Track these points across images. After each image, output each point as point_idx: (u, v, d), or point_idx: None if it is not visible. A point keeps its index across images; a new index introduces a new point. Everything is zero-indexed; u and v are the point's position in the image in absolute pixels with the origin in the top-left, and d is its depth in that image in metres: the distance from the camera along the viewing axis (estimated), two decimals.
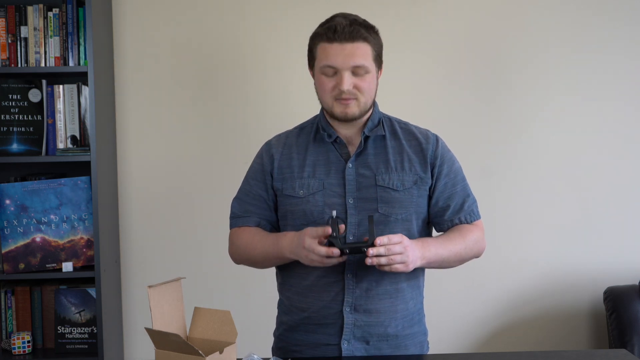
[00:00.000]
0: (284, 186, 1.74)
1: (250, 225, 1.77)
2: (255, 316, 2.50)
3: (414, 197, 1.70)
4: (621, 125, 2.79)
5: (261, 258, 1.73)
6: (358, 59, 1.62)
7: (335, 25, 1.62)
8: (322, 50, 1.64)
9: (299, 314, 1.74)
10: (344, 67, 1.62)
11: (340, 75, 1.63)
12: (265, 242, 1.71)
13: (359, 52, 1.62)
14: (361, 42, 1.62)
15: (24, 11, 2.47)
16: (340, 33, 1.61)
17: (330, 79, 1.65)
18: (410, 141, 1.75)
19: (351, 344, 1.69)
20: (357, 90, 1.65)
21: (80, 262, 2.51)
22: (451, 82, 2.76)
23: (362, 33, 1.62)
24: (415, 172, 1.71)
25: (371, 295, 1.68)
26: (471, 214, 1.77)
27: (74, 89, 2.52)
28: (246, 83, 2.74)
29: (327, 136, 1.73)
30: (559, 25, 2.76)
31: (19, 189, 2.46)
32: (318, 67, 1.67)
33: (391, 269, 1.55)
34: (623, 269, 2.78)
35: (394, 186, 1.69)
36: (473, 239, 1.74)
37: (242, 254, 1.78)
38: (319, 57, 1.66)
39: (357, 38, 1.61)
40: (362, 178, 1.70)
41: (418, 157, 1.73)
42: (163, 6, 2.72)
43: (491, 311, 2.82)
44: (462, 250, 1.72)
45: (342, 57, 1.61)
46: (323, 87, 1.67)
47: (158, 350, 1.39)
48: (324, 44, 1.63)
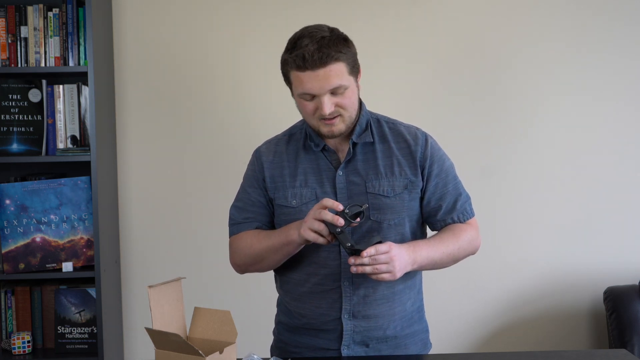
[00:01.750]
0: (277, 196, 1.73)
1: (251, 229, 1.75)
2: (255, 316, 2.50)
3: (405, 202, 1.69)
4: (621, 125, 2.79)
5: (267, 251, 1.68)
6: (334, 80, 1.56)
7: (304, 53, 1.55)
8: (295, 78, 1.59)
9: (299, 319, 1.74)
10: (321, 93, 1.57)
11: (319, 100, 1.59)
12: (271, 234, 1.68)
13: (333, 74, 1.56)
14: (333, 64, 1.56)
15: (24, 11, 2.47)
16: (310, 61, 1.54)
17: (310, 102, 1.61)
18: (399, 143, 1.72)
19: (351, 348, 1.70)
20: (340, 107, 1.61)
21: (80, 262, 2.51)
22: (451, 82, 2.76)
23: (331, 55, 1.55)
24: (406, 176, 1.69)
25: (369, 301, 1.68)
26: (464, 212, 1.76)
27: (74, 89, 2.52)
28: (247, 83, 2.74)
29: (315, 145, 1.71)
30: (558, 25, 2.76)
31: (19, 189, 2.46)
32: (296, 93, 1.63)
33: (377, 278, 1.54)
34: (623, 269, 2.78)
35: (384, 192, 1.68)
36: (467, 239, 1.73)
37: (246, 254, 1.73)
38: (295, 85, 1.61)
39: (329, 61, 1.55)
40: (353, 185, 1.68)
41: (407, 160, 1.71)
42: (163, 6, 2.72)
43: (491, 311, 2.82)
44: (456, 251, 1.70)
45: (317, 82, 1.56)
46: (305, 111, 1.64)
47: (158, 350, 1.39)
48: (295, 72, 1.58)
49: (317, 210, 1.54)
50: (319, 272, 1.68)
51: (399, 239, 1.67)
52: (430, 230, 1.80)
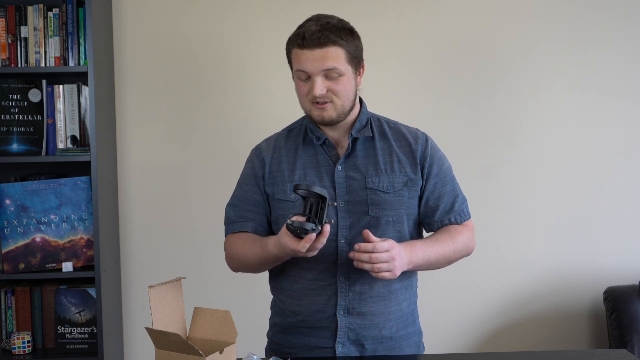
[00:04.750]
0: (275, 190, 1.73)
1: (246, 230, 1.75)
2: (255, 316, 2.49)
3: (404, 199, 1.69)
4: (621, 125, 2.79)
5: (257, 264, 1.70)
6: (328, 62, 1.60)
7: (304, 32, 1.60)
8: (294, 55, 1.64)
9: (293, 317, 1.74)
10: (314, 72, 1.61)
11: (312, 80, 1.62)
12: (255, 248, 1.69)
13: (329, 56, 1.59)
14: (331, 47, 1.60)
15: (24, 11, 2.47)
16: (308, 40, 1.59)
17: (305, 83, 1.65)
18: (399, 141, 1.74)
19: (345, 346, 1.69)
20: (332, 93, 1.63)
21: (80, 262, 2.51)
22: (451, 82, 2.76)
23: (331, 38, 1.59)
24: (405, 174, 1.70)
25: (364, 298, 1.68)
26: (461, 214, 1.76)
27: (74, 89, 2.52)
28: (247, 83, 2.74)
29: (316, 139, 1.72)
30: (558, 25, 2.76)
31: (19, 189, 2.46)
32: (293, 71, 1.67)
33: (377, 276, 1.55)
34: (623, 269, 2.79)
35: (384, 188, 1.68)
36: (463, 241, 1.73)
37: (238, 262, 1.76)
38: (293, 63, 1.66)
39: (326, 43, 1.59)
40: (352, 181, 1.69)
41: (407, 157, 1.72)
42: (163, 6, 2.72)
43: (491, 311, 2.82)
44: (451, 253, 1.71)
45: (312, 62, 1.60)
46: (300, 92, 1.67)
47: (158, 350, 1.39)
48: (295, 49, 1.63)
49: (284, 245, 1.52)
50: (315, 267, 1.68)
51: (397, 236, 1.67)
52: (426, 231, 1.81)
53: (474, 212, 1.83)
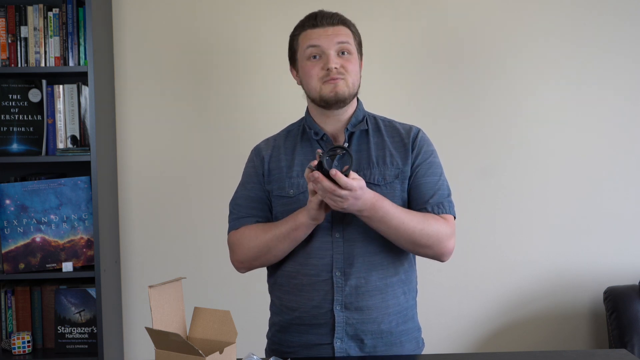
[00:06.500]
0: (274, 187, 1.75)
1: (252, 224, 1.75)
2: (255, 316, 2.50)
3: (397, 191, 1.70)
4: (621, 125, 2.79)
5: (274, 240, 1.68)
6: (342, 37, 1.68)
7: (316, 14, 1.71)
8: (304, 37, 1.70)
9: (290, 313, 1.74)
10: (329, 47, 1.67)
11: (326, 55, 1.67)
12: (277, 223, 1.68)
13: (342, 33, 1.69)
14: (343, 26, 1.70)
15: (24, 11, 2.47)
16: (321, 19, 1.69)
17: (315, 62, 1.68)
18: (392, 137, 1.76)
19: (344, 342, 1.69)
20: (345, 70, 1.68)
21: (80, 262, 2.51)
22: (451, 83, 2.76)
23: (343, 19, 1.72)
24: (397, 166, 1.71)
25: (361, 292, 1.68)
26: (440, 205, 1.70)
27: (74, 89, 2.52)
28: (247, 82, 2.74)
29: (314, 134, 1.74)
30: (558, 25, 2.76)
31: (19, 189, 2.46)
32: (302, 53, 1.70)
33: (326, 201, 1.54)
34: (623, 269, 2.78)
35: (375, 181, 1.69)
36: (435, 228, 1.65)
37: (250, 246, 1.72)
38: (302, 44, 1.71)
39: (339, 23, 1.70)
40: None
41: (399, 151, 1.73)
42: (163, 6, 2.72)
43: (491, 311, 2.82)
44: (417, 231, 1.63)
45: (326, 37, 1.67)
46: (309, 73, 1.69)
47: (158, 350, 1.38)
48: (307, 31, 1.70)
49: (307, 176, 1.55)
50: (311, 262, 1.69)
51: None
52: None
53: (474, 212, 1.83)
